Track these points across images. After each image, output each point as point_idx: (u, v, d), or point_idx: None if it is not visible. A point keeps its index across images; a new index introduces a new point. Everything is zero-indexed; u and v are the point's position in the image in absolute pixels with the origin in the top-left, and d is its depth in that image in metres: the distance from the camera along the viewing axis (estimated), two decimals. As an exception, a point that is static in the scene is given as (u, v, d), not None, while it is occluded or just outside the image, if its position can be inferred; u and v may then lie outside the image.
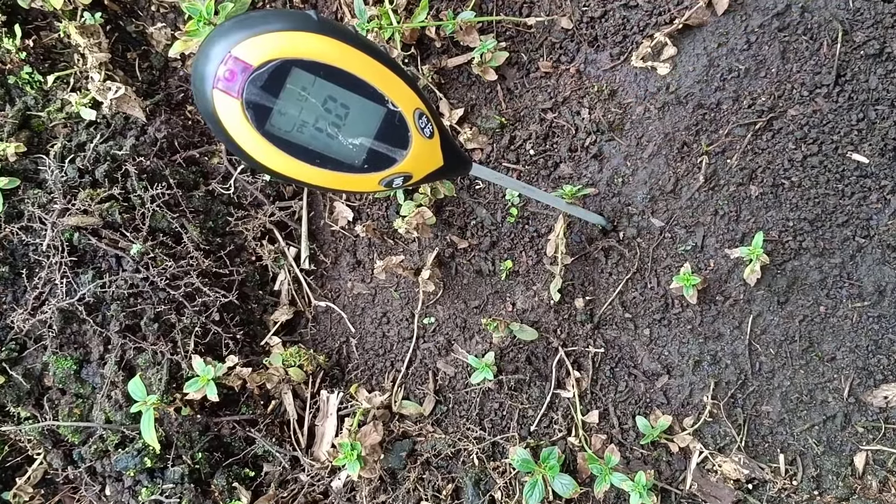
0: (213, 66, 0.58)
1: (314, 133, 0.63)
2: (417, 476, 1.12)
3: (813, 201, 1.06)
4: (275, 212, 1.24)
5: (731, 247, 1.08)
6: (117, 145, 1.15)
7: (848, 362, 1.06)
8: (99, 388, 1.13)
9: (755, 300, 1.09)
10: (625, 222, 1.13)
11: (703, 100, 1.08)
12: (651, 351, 1.13)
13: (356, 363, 1.25)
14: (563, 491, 1.05)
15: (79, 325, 1.13)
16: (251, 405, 1.19)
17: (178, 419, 1.11)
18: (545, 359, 1.16)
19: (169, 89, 1.27)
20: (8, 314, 1.13)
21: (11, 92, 1.21)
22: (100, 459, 1.13)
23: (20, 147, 1.14)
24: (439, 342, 1.20)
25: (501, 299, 1.18)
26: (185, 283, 1.13)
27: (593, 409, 1.14)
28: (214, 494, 1.13)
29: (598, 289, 1.15)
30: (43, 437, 1.16)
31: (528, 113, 1.17)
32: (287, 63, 0.59)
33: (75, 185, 1.12)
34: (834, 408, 1.06)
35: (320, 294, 1.28)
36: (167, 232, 1.16)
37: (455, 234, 1.19)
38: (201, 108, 0.60)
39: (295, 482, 1.17)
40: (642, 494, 1.01)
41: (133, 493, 1.12)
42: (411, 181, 0.72)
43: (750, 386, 1.09)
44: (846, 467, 1.05)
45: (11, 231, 1.12)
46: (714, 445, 1.09)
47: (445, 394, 1.20)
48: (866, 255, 1.05)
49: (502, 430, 1.16)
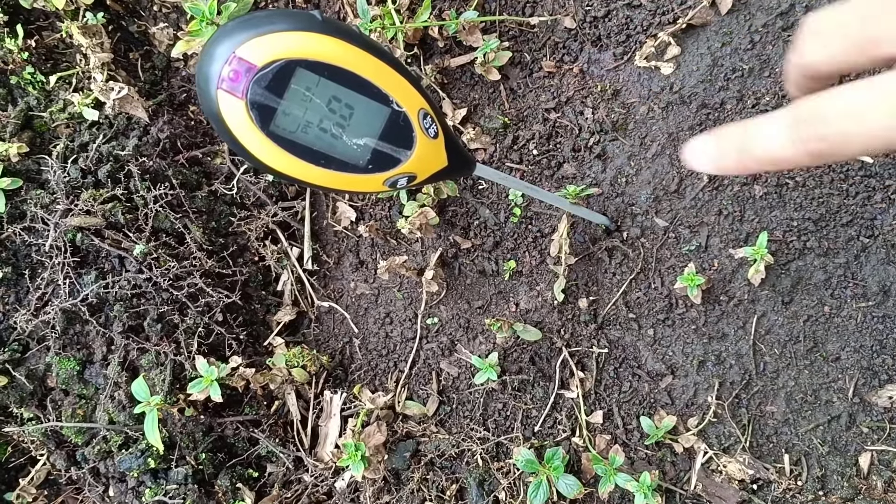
0: (218, 66, 0.57)
1: (318, 133, 0.63)
2: (421, 476, 1.12)
3: (817, 201, 1.05)
4: (278, 212, 1.24)
5: (736, 247, 1.08)
6: (120, 146, 1.15)
7: (853, 362, 1.06)
8: (102, 388, 1.13)
9: (759, 300, 1.08)
10: (628, 222, 1.13)
11: (706, 99, 1.08)
12: (655, 351, 1.12)
13: (359, 364, 1.24)
14: (567, 491, 1.04)
15: (82, 326, 1.13)
16: (254, 406, 1.19)
17: (181, 420, 1.10)
18: (549, 359, 1.16)
19: (171, 89, 1.27)
20: (11, 315, 1.13)
21: (14, 92, 1.21)
22: (103, 460, 1.13)
23: (23, 147, 1.14)
24: (443, 342, 1.20)
25: (505, 299, 1.18)
26: (188, 283, 1.13)
27: (597, 409, 1.13)
28: (218, 495, 1.12)
29: (601, 289, 1.15)
30: (46, 438, 1.16)
31: (532, 113, 1.17)
32: (291, 63, 0.58)
33: (78, 185, 1.12)
34: (839, 408, 1.06)
35: (323, 294, 1.27)
36: (170, 232, 1.16)
37: (458, 235, 1.18)
38: (205, 108, 0.59)
39: (298, 483, 1.16)
40: (647, 495, 1.01)
41: (136, 493, 1.12)
42: (415, 181, 0.71)
43: (754, 386, 1.09)
44: (851, 467, 1.05)
45: (14, 232, 1.12)
46: (719, 446, 1.09)
47: (449, 394, 1.19)
48: (871, 254, 1.05)
49: (506, 431, 1.15)
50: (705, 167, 0.44)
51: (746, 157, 0.40)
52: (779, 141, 0.38)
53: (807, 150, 0.36)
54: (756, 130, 0.39)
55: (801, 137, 0.36)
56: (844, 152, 0.35)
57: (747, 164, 0.41)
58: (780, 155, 0.38)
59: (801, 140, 0.36)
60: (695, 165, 0.45)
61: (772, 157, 0.39)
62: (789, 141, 0.37)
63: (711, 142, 0.43)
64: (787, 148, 0.37)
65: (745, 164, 0.41)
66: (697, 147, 0.44)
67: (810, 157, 0.37)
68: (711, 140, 0.43)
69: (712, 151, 0.43)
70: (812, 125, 0.36)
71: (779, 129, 0.38)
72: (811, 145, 0.36)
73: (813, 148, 0.36)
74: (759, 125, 0.39)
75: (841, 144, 0.35)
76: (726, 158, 0.42)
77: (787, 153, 0.37)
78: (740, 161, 0.41)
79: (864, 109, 0.34)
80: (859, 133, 0.34)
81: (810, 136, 0.36)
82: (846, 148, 0.35)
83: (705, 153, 0.44)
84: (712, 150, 0.43)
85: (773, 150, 0.38)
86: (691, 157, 0.45)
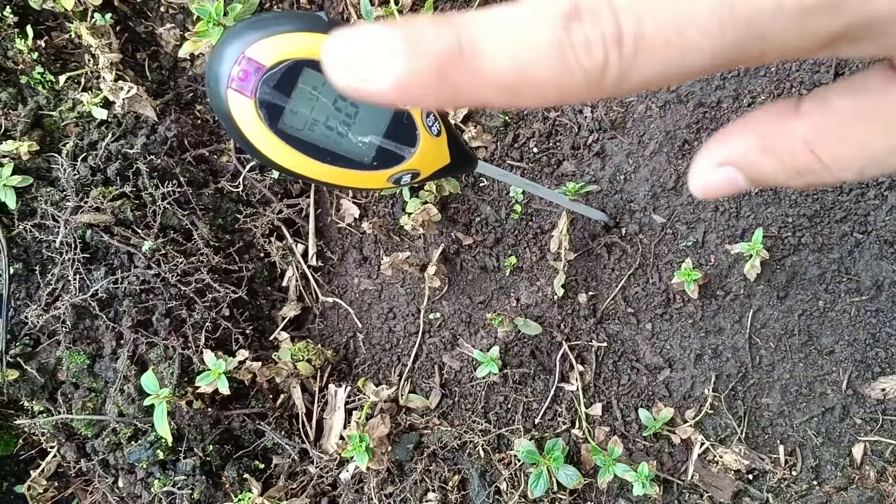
0: (228, 66, 0.59)
1: (325, 131, 0.65)
2: (424, 468, 1.14)
3: (812, 198, 1.07)
4: (283, 209, 1.27)
5: (732, 242, 1.10)
6: (128, 144, 1.17)
7: (846, 355, 1.08)
8: (112, 382, 1.15)
9: (755, 295, 1.10)
10: (627, 219, 1.15)
11: (703, 98, 1.10)
12: (653, 345, 1.14)
13: (363, 358, 1.27)
14: (567, 482, 1.07)
15: (91, 321, 1.15)
16: (261, 399, 1.21)
17: (189, 412, 1.13)
18: (549, 353, 1.18)
19: (178, 89, 1.29)
20: (22, 310, 1.15)
21: (24, 92, 1.23)
22: (113, 452, 1.15)
23: (33, 146, 1.16)
24: (445, 337, 1.22)
25: (506, 295, 1.20)
26: (195, 279, 1.15)
27: (597, 401, 1.15)
28: (225, 486, 1.15)
29: (600, 284, 1.17)
30: (56, 431, 1.18)
31: (532, 111, 1.19)
32: (299, 63, 0.60)
33: (87, 183, 1.15)
34: (832, 400, 1.08)
35: (328, 290, 1.30)
36: (178, 229, 1.18)
37: (460, 231, 1.21)
38: (216, 107, 0.61)
39: (304, 474, 1.19)
40: (645, 485, 1.03)
41: (146, 484, 1.14)
42: (419, 178, 0.73)
43: (750, 379, 1.11)
44: (844, 458, 1.07)
45: (25, 228, 1.14)
46: (715, 437, 1.11)
47: (451, 387, 1.22)
48: (864, 250, 1.07)
49: (507, 423, 1.18)
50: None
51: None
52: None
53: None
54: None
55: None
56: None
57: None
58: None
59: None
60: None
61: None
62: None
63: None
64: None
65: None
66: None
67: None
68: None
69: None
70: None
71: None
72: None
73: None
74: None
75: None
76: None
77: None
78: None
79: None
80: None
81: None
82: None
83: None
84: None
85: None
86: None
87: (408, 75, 0.23)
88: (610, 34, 0.23)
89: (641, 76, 0.23)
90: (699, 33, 0.22)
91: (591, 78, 0.23)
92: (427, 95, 0.24)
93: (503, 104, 0.25)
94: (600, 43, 0.23)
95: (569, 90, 0.24)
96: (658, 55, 0.23)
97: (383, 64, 0.24)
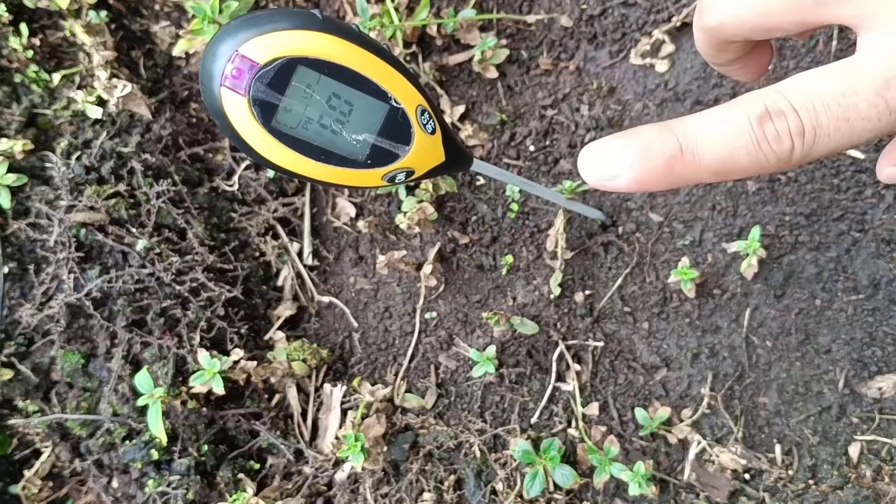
0: (221, 64, 0.59)
1: (319, 129, 0.64)
2: (420, 468, 1.14)
3: (809, 196, 1.07)
4: (278, 208, 1.26)
5: (729, 241, 1.10)
6: (123, 143, 1.17)
7: (843, 354, 1.07)
8: (106, 381, 1.15)
9: (752, 294, 1.10)
10: (624, 217, 1.14)
11: (700, 97, 1.10)
12: (650, 344, 1.14)
13: (359, 357, 1.26)
14: (563, 481, 1.06)
15: (86, 320, 1.14)
16: (256, 399, 1.20)
17: (183, 412, 1.12)
18: (546, 352, 1.17)
19: (173, 87, 1.28)
20: (16, 309, 1.15)
21: (18, 90, 1.23)
22: (107, 452, 1.15)
23: (27, 144, 1.16)
24: (441, 336, 1.22)
25: (502, 294, 1.20)
26: (190, 278, 1.15)
27: (593, 401, 1.15)
28: (220, 486, 1.14)
29: (597, 283, 1.16)
30: (51, 431, 1.18)
31: (529, 110, 1.18)
32: (293, 61, 0.60)
33: (82, 181, 1.14)
34: (829, 399, 1.08)
35: (323, 289, 1.29)
36: (172, 228, 1.18)
37: (456, 230, 1.20)
38: (209, 105, 0.61)
39: (299, 474, 1.18)
40: (641, 484, 1.03)
41: (140, 484, 1.13)
42: (413, 176, 0.73)
43: (747, 378, 1.11)
44: (841, 457, 1.07)
45: (19, 227, 1.13)
46: (712, 436, 1.11)
47: (447, 387, 1.21)
48: (861, 249, 1.07)
49: (503, 423, 1.17)
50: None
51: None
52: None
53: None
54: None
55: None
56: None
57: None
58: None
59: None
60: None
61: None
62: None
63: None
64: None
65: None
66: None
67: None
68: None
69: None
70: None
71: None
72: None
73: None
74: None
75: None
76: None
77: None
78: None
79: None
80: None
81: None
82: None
83: None
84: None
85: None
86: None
87: (645, 174, 0.34)
88: (794, 127, 0.31)
89: (819, 152, 0.32)
90: (862, 120, 0.31)
91: (782, 159, 0.33)
92: (657, 185, 0.35)
93: (713, 182, 0.36)
94: (787, 135, 0.32)
95: (763, 169, 0.34)
96: (831, 137, 0.32)
97: (627, 169, 0.34)
